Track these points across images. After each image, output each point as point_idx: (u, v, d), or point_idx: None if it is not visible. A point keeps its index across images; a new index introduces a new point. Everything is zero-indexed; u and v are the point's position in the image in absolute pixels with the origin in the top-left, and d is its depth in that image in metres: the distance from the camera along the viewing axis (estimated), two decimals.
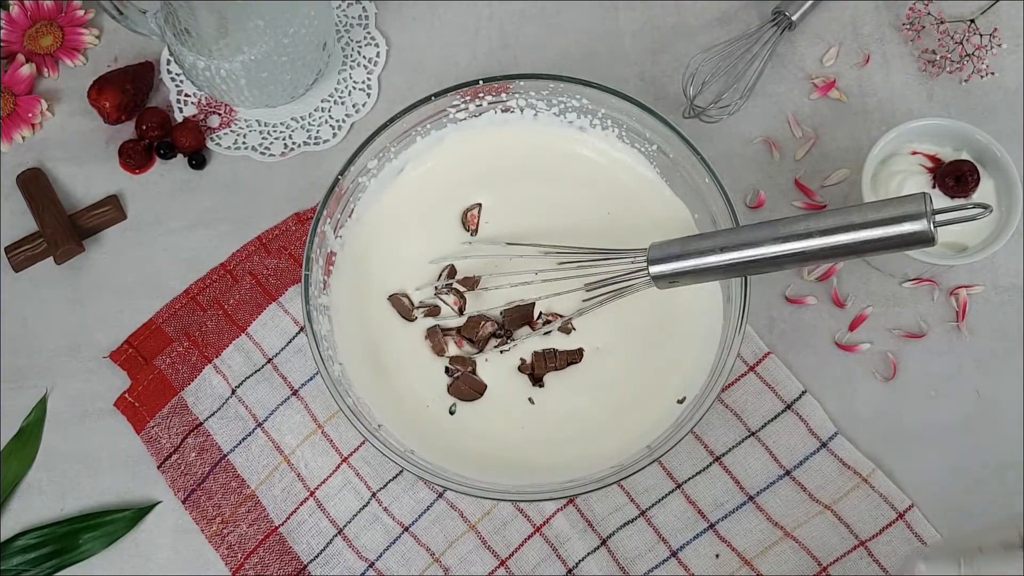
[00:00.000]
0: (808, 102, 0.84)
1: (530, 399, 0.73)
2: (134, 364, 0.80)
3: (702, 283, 0.70)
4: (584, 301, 0.72)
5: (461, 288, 0.75)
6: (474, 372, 0.74)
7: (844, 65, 0.85)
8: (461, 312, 0.75)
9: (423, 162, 0.78)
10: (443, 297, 0.75)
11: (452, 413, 0.73)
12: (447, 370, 0.74)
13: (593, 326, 0.74)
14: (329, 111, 0.85)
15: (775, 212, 0.82)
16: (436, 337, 0.74)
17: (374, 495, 0.77)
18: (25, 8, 0.86)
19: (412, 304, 0.75)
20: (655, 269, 0.67)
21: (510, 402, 0.73)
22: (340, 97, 0.86)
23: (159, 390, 0.79)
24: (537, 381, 0.74)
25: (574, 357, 0.74)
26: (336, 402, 0.69)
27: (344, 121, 0.85)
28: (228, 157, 0.85)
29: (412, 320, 0.75)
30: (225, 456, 0.78)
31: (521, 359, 0.74)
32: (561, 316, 0.74)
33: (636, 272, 0.69)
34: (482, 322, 0.74)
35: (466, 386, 0.73)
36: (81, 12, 0.87)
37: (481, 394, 0.73)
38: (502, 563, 0.75)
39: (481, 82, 0.74)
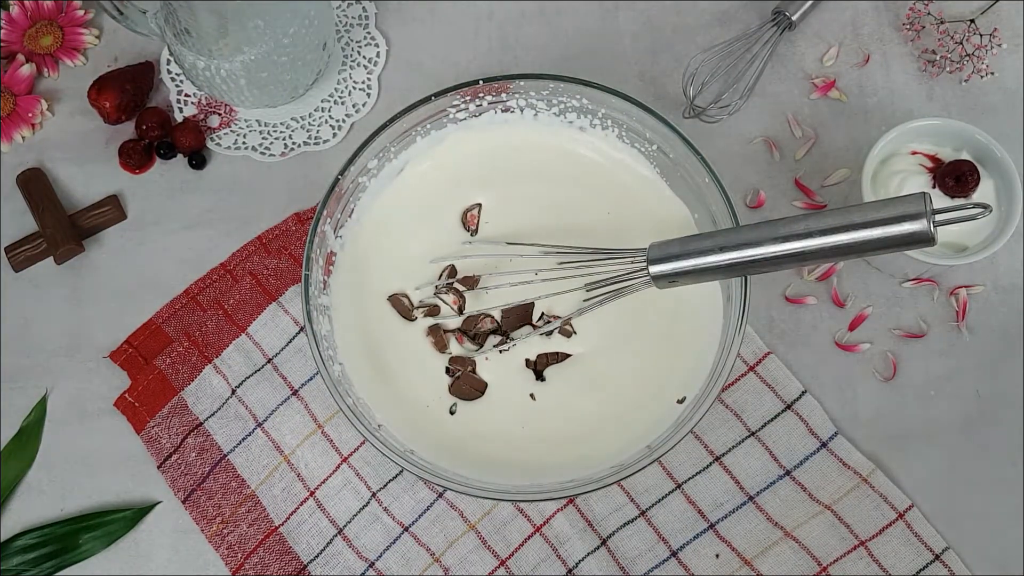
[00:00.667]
0: (808, 102, 0.84)
1: (531, 395, 0.73)
2: (134, 364, 0.80)
3: (702, 283, 0.70)
4: (584, 301, 0.72)
5: (461, 287, 0.75)
6: (474, 371, 0.74)
7: (844, 65, 0.85)
8: (461, 311, 0.75)
9: (423, 162, 0.78)
10: (443, 296, 0.75)
11: (452, 413, 0.73)
12: (447, 370, 0.74)
13: (593, 326, 0.74)
14: (329, 111, 0.85)
15: (775, 212, 0.82)
16: (438, 334, 0.74)
17: (374, 495, 0.77)
18: (25, 8, 0.86)
19: (412, 304, 0.75)
20: (655, 269, 0.67)
21: (511, 401, 0.73)
22: (340, 97, 0.86)
23: (159, 390, 0.79)
24: (539, 376, 0.74)
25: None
26: (336, 402, 0.69)
27: (344, 121, 0.85)
28: (228, 157, 0.85)
29: (412, 320, 0.75)
30: (225, 456, 0.78)
31: (526, 359, 0.74)
32: (560, 317, 0.74)
33: (636, 272, 0.69)
34: (481, 317, 0.74)
35: (467, 385, 0.73)
36: (81, 12, 0.87)
37: (482, 393, 0.73)
38: (502, 563, 0.75)
39: (481, 82, 0.74)
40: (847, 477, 0.75)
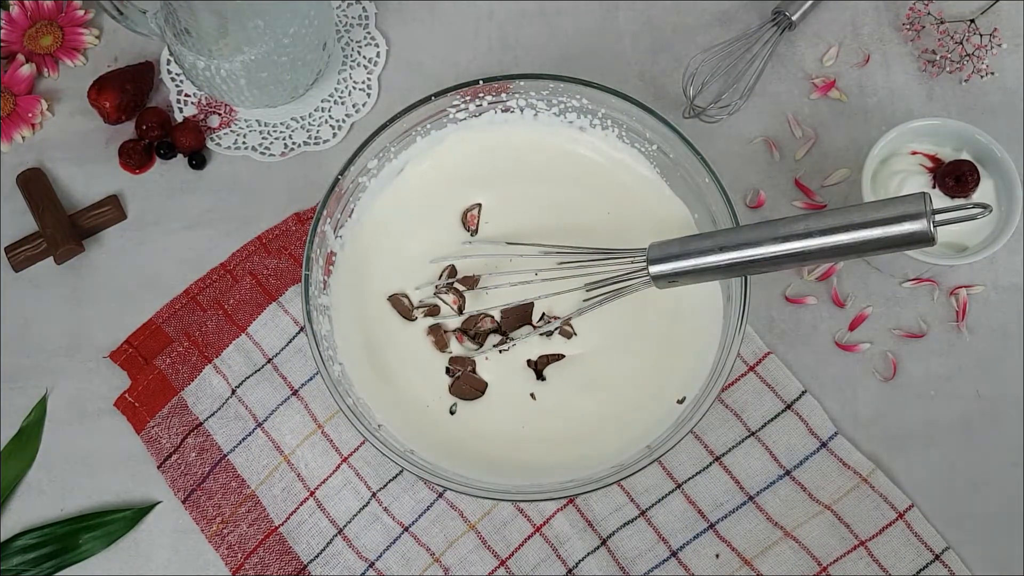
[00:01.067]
0: (808, 102, 0.84)
1: (532, 395, 0.73)
2: (134, 364, 0.80)
3: (702, 283, 0.70)
4: (584, 301, 0.72)
5: (461, 287, 0.75)
6: (474, 371, 0.74)
7: (844, 65, 0.85)
8: (461, 311, 0.75)
9: (423, 162, 0.78)
10: (443, 296, 0.75)
11: (452, 413, 0.73)
12: (447, 370, 0.74)
13: (593, 326, 0.74)
14: (329, 111, 0.85)
15: (775, 212, 0.82)
16: (438, 333, 0.74)
17: (374, 495, 0.77)
18: (25, 8, 0.86)
19: (412, 304, 0.75)
20: (655, 269, 0.67)
21: (511, 401, 0.73)
22: (340, 97, 0.86)
23: (159, 390, 0.79)
24: (539, 375, 0.74)
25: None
26: (336, 402, 0.69)
27: (344, 121, 0.85)
28: (228, 157, 0.85)
29: (412, 320, 0.75)
30: (225, 456, 0.78)
31: (527, 359, 0.74)
32: (559, 317, 0.74)
33: (636, 272, 0.69)
34: (481, 317, 0.74)
35: (467, 385, 0.73)
36: (81, 12, 0.87)
37: (482, 393, 0.73)
38: (502, 563, 0.75)
39: (481, 82, 0.74)
40: (847, 477, 0.75)
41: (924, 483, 0.75)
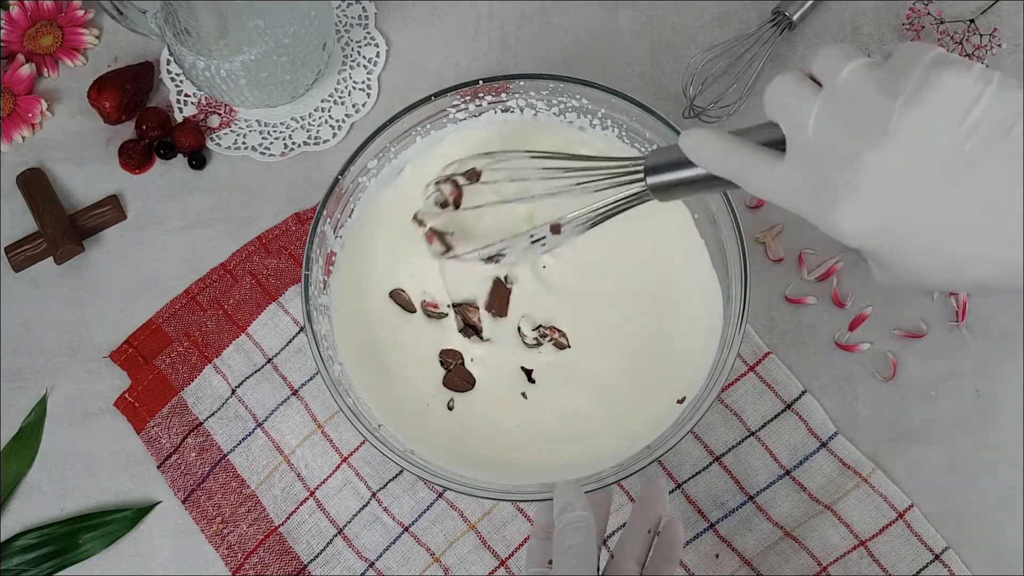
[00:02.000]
0: None
1: (523, 394, 0.73)
2: (134, 364, 0.80)
3: (703, 194, 0.63)
4: (581, 216, 0.65)
5: (462, 180, 0.70)
6: (463, 364, 0.74)
7: None
8: (457, 206, 0.70)
9: (423, 162, 0.78)
10: (441, 186, 0.70)
11: (451, 408, 0.73)
12: (442, 363, 0.74)
13: (592, 326, 0.74)
14: (329, 111, 0.85)
15: (775, 212, 0.82)
16: (441, 238, 0.72)
17: (374, 495, 0.77)
18: (25, 8, 0.86)
19: (411, 299, 0.76)
20: (652, 179, 0.59)
21: (512, 400, 0.74)
22: (340, 97, 0.86)
23: (159, 390, 0.79)
24: (530, 378, 0.74)
25: (564, 343, 0.74)
26: (336, 402, 0.69)
27: (344, 121, 0.85)
28: (228, 157, 0.85)
29: (413, 312, 0.75)
30: (225, 456, 0.78)
31: (522, 367, 0.74)
32: (559, 224, 0.66)
33: (633, 176, 0.61)
34: (469, 309, 0.74)
35: (458, 378, 0.74)
36: (81, 12, 0.87)
37: (472, 385, 0.74)
38: (502, 563, 0.75)
39: (481, 82, 0.74)
40: (847, 477, 0.75)
41: (924, 483, 0.75)
